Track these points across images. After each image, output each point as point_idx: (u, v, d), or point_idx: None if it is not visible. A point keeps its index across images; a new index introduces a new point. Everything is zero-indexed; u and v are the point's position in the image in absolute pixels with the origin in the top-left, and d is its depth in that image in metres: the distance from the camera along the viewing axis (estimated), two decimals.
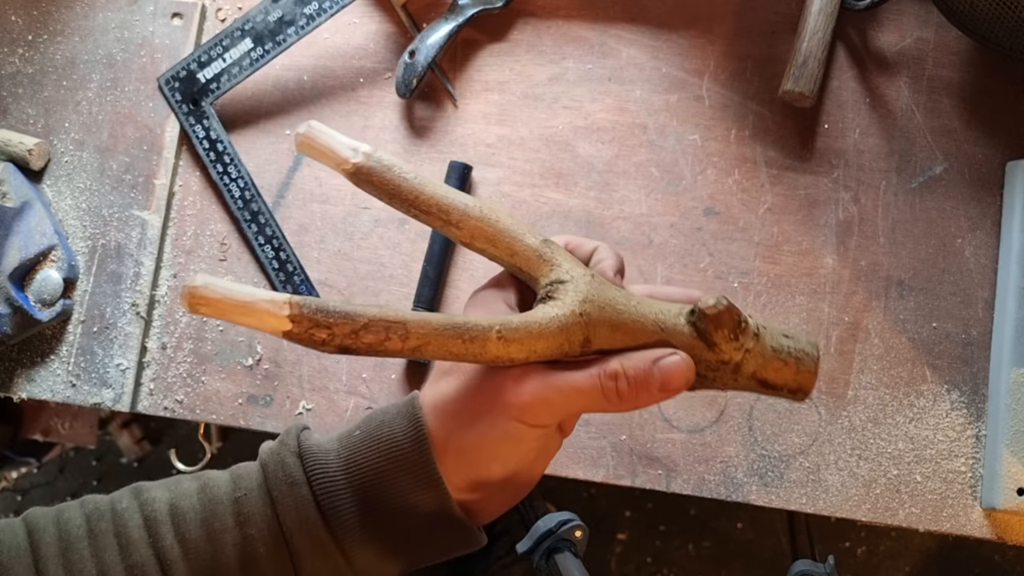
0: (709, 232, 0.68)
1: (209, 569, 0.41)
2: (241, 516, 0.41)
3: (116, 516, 0.42)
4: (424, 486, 0.41)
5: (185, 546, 0.41)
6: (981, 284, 0.66)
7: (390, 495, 0.41)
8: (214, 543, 0.41)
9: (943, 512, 0.64)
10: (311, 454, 0.42)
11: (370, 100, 0.71)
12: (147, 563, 0.41)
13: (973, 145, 0.67)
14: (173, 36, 0.72)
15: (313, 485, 0.41)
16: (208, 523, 0.41)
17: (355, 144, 0.42)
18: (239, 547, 0.41)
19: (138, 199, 0.71)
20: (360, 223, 0.70)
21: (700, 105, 0.69)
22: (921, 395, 0.66)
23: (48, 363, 0.70)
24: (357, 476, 0.41)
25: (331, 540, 0.41)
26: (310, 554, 0.41)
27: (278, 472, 0.42)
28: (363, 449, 0.41)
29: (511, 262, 0.44)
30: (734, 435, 0.66)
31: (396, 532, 0.41)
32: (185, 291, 0.36)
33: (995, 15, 0.60)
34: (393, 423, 0.42)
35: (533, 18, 0.71)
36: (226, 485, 0.42)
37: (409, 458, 0.41)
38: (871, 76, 0.69)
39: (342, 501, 0.41)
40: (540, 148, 0.70)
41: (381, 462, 0.41)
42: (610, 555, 1.50)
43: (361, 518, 0.41)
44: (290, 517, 0.41)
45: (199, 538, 0.41)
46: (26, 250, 0.68)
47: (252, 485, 0.42)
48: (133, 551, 0.41)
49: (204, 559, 0.41)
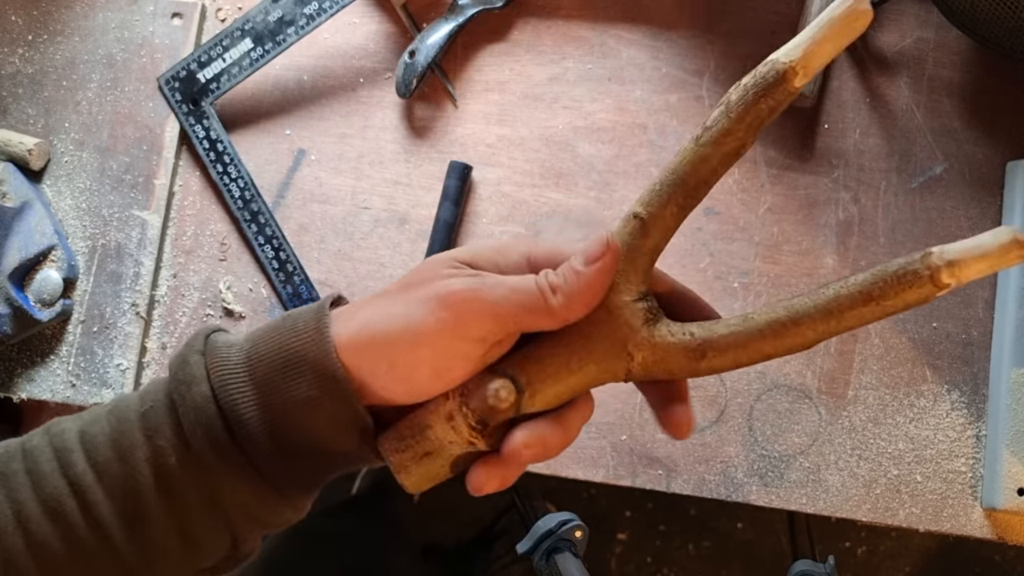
0: (709, 232, 0.68)
1: (125, 488, 0.39)
2: (149, 429, 0.39)
3: (26, 454, 0.40)
4: (323, 377, 0.38)
5: (97, 470, 0.39)
6: (981, 284, 0.66)
7: (288, 387, 0.38)
8: (126, 461, 0.39)
9: (943, 512, 0.64)
10: (215, 350, 0.40)
11: (370, 100, 0.71)
12: (62, 493, 0.39)
13: (973, 145, 0.67)
14: (173, 36, 0.72)
15: (212, 380, 0.39)
16: (118, 442, 0.39)
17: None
18: (151, 461, 0.39)
19: (138, 199, 0.71)
20: (360, 223, 0.70)
21: (700, 105, 0.69)
22: (921, 395, 0.66)
23: (48, 363, 0.70)
24: (257, 369, 0.39)
25: (230, 439, 0.38)
26: (212, 456, 0.38)
27: (179, 373, 0.39)
28: (266, 341, 0.39)
29: None
30: (734, 435, 0.66)
31: (298, 429, 0.39)
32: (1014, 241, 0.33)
33: (995, 15, 0.60)
34: (299, 315, 0.40)
35: (533, 18, 0.71)
36: (134, 402, 0.40)
37: (309, 348, 0.38)
38: (871, 76, 0.69)
39: (240, 395, 0.39)
40: (540, 148, 0.70)
41: (282, 353, 0.39)
42: (610, 555, 1.50)
43: (260, 411, 0.39)
44: (190, 418, 0.39)
45: (111, 459, 0.39)
46: (26, 250, 0.68)
47: (159, 395, 0.40)
48: (46, 484, 0.39)
49: (118, 479, 0.39)
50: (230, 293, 0.70)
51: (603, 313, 0.39)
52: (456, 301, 0.37)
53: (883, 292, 0.35)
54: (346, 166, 0.70)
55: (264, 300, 0.70)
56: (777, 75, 0.36)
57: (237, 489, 0.39)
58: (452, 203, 0.68)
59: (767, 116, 0.37)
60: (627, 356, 0.38)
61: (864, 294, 0.35)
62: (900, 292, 0.35)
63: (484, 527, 1.52)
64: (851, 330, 0.37)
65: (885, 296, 0.35)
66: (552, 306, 0.37)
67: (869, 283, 0.35)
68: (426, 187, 0.70)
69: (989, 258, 0.33)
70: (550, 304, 0.37)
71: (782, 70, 0.36)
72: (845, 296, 0.36)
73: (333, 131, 0.71)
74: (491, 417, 0.37)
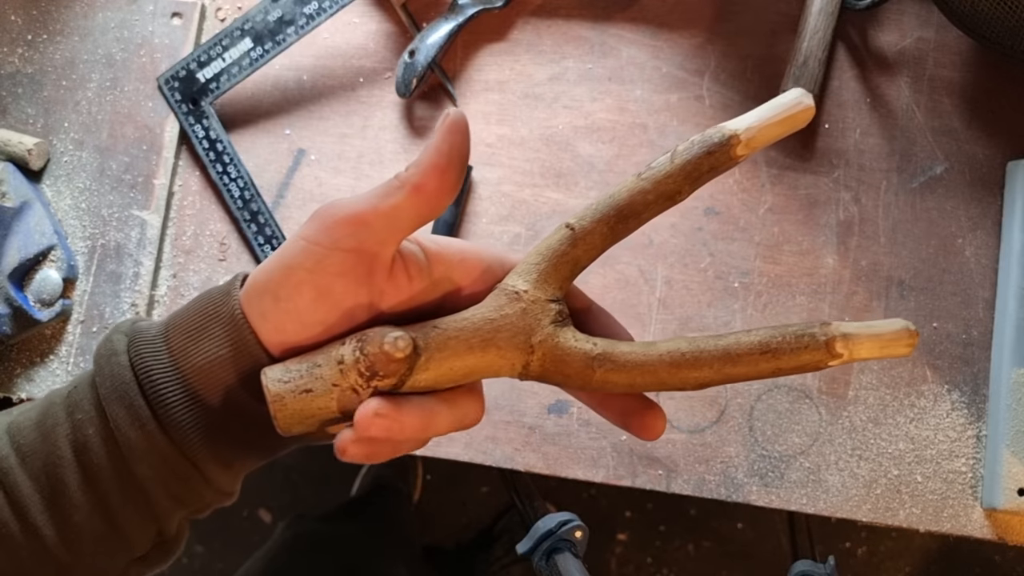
0: (709, 232, 0.68)
1: (45, 466, 0.38)
2: (71, 406, 0.39)
3: None
4: (231, 332, 0.38)
5: (20, 452, 0.39)
6: (982, 284, 0.66)
7: (199, 349, 0.38)
8: (48, 440, 0.39)
9: (944, 512, 0.64)
10: (137, 328, 0.40)
11: (370, 100, 0.71)
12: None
13: (974, 145, 0.67)
14: (173, 36, 0.72)
15: (131, 353, 0.39)
16: (42, 424, 0.39)
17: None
18: (70, 437, 0.39)
19: (137, 199, 0.71)
20: None
21: (700, 105, 0.69)
22: (922, 395, 0.65)
23: (47, 363, 0.70)
24: (172, 337, 0.39)
25: (147, 408, 0.38)
26: (126, 424, 0.38)
27: (102, 348, 0.40)
28: (183, 312, 0.40)
29: None
30: (734, 435, 0.66)
31: (214, 395, 0.39)
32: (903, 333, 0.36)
33: (996, 15, 0.60)
34: (215, 287, 0.40)
35: (533, 18, 0.71)
36: (65, 387, 0.40)
37: (219, 309, 0.38)
38: (872, 76, 0.69)
39: (154, 361, 0.38)
40: (540, 148, 0.70)
41: (195, 319, 0.39)
42: (610, 555, 1.50)
43: (175, 377, 0.38)
44: (106, 386, 0.38)
45: (34, 440, 0.39)
46: (25, 250, 0.68)
47: (84, 376, 0.40)
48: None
49: (40, 458, 0.39)
50: None
51: (515, 304, 0.39)
52: (319, 213, 0.37)
53: (780, 348, 0.37)
54: (346, 166, 0.70)
55: None
56: (723, 140, 0.39)
57: (152, 460, 0.38)
58: (452, 203, 0.68)
59: (706, 173, 0.39)
60: (528, 349, 0.39)
61: (763, 345, 0.37)
62: (796, 352, 0.37)
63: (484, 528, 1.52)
64: (745, 380, 0.38)
65: (781, 352, 0.37)
66: (404, 178, 0.37)
67: (769, 337, 0.37)
68: None
69: (880, 341, 0.36)
70: (402, 178, 0.37)
71: (727, 137, 0.39)
72: (745, 344, 0.38)
73: (333, 131, 0.71)
74: (382, 367, 0.37)
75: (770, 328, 0.38)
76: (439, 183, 0.37)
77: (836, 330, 0.37)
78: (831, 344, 0.36)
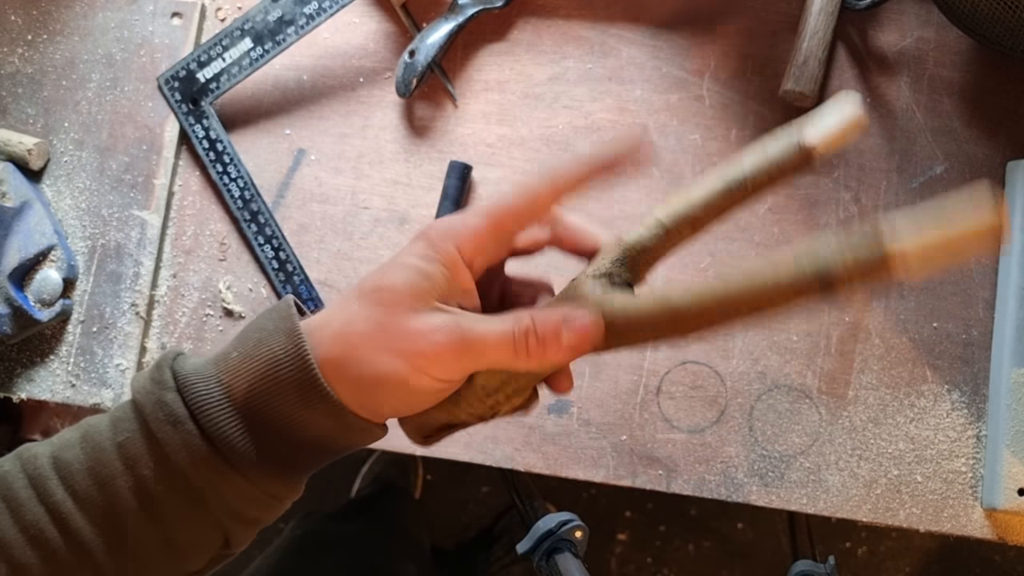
0: (709, 232, 0.68)
1: (107, 514, 0.40)
2: (128, 460, 0.40)
3: (0, 480, 0.41)
4: (314, 401, 0.39)
5: (77, 498, 0.40)
6: (982, 284, 0.66)
7: (278, 414, 0.40)
8: (106, 490, 0.40)
9: (944, 512, 0.64)
10: (190, 385, 0.40)
11: (370, 100, 0.71)
12: (41, 520, 0.40)
13: (974, 145, 0.67)
14: (173, 36, 0.72)
15: (198, 419, 0.40)
16: (95, 471, 0.40)
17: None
18: (134, 489, 0.40)
19: (138, 199, 0.71)
20: (360, 223, 0.70)
21: (700, 105, 0.69)
22: (922, 395, 0.65)
23: (47, 363, 0.70)
24: (242, 401, 0.40)
25: (228, 467, 0.40)
26: (208, 482, 0.40)
27: (157, 412, 0.40)
28: (244, 372, 0.40)
29: None
30: (734, 435, 0.66)
31: (293, 444, 0.40)
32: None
33: (996, 15, 0.60)
34: (272, 340, 0.40)
35: (533, 18, 0.71)
36: (107, 430, 0.41)
37: (293, 376, 0.39)
38: (872, 76, 0.69)
39: (231, 430, 0.40)
40: (540, 148, 0.70)
41: (265, 383, 0.40)
42: (610, 555, 1.50)
43: (254, 441, 0.40)
44: (181, 455, 0.39)
45: (89, 487, 0.40)
46: (26, 250, 0.68)
47: (132, 427, 0.41)
48: (24, 511, 0.40)
49: (100, 507, 0.40)
50: (230, 293, 0.70)
51: (566, 292, 0.42)
52: (440, 368, 0.39)
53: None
54: (346, 166, 0.70)
55: (264, 300, 0.70)
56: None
57: (231, 501, 0.40)
58: (452, 203, 0.68)
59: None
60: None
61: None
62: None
63: (484, 528, 1.52)
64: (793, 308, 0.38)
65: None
66: (521, 362, 0.40)
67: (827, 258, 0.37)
68: (426, 187, 0.70)
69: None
70: (519, 360, 0.40)
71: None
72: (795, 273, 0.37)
73: (333, 131, 0.71)
74: (496, 403, 0.42)
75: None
76: (546, 371, 0.42)
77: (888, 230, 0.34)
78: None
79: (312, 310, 0.67)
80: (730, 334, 0.66)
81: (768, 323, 0.40)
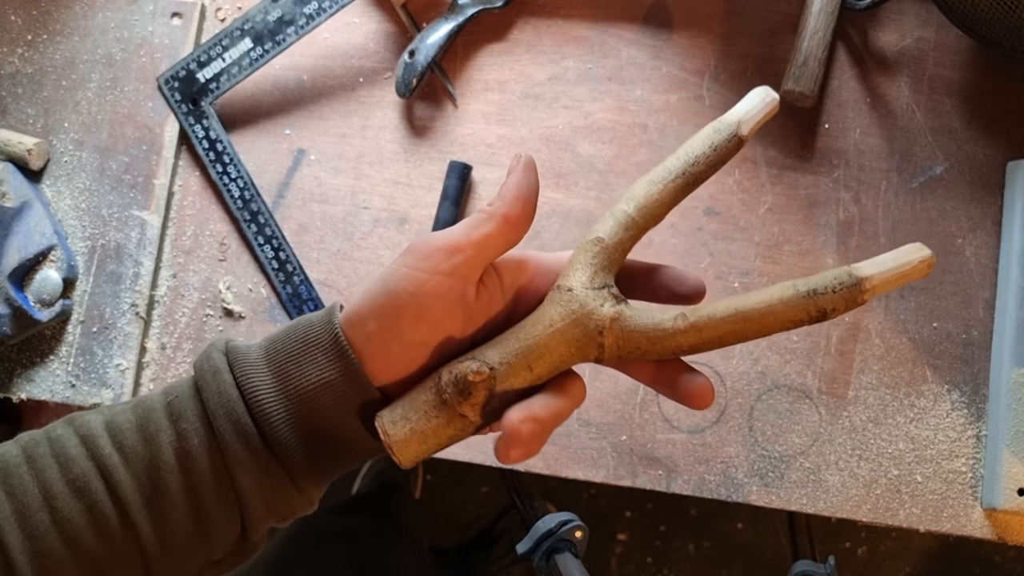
0: (709, 232, 0.68)
1: (149, 469, 0.42)
2: (174, 415, 0.43)
3: (52, 440, 0.43)
4: (334, 359, 0.42)
5: (123, 452, 0.42)
6: (982, 284, 0.66)
7: (302, 373, 0.42)
8: (151, 445, 0.42)
9: (944, 512, 0.64)
10: (235, 348, 0.44)
11: (370, 100, 0.71)
12: (88, 473, 0.42)
13: (974, 145, 0.67)
14: (172, 36, 0.72)
15: (234, 371, 0.43)
16: (144, 428, 0.42)
17: None
18: (174, 444, 0.42)
19: (137, 199, 0.71)
20: (360, 223, 0.70)
21: (700, 105, 0.69)
22: (922, 395, 0.65)
23: (47, 363, 0.70)
24: (274, 360, 0.43)
25: (252, 423, 0.42)
26: (232, 437, 0.42)
27: (203, 365, 0.43)
28: (282, 337, 0.43)
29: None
30: (734, 435, 0.66)
31: (314, 415, 0.42)
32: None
33: (996, 15, 0.60)
34: (311, 316, 0.44)
35: (533, 18, 0.71)
36: (158, 396, 0.44)
37: (321, 337, 0.42)
38: (872, 76, 0.69)
39: (260, 382, 0.42)
40: (540, 148, 0.70)
41: (296, 345, 0.43)
42: (610, 555, 1.50)
43: (279, 398, 0.42)
44: (213, 401, 0.42)
45: (136, 443, 0.42)
46: (25, 250, 0.68)
47: (183, 387, 0.43)
48: (73, 465, 0.42)
49: (143, 461, 0.42)
50: (230, 293, 0.70)
51: (572, 303, 0.43)
52: (417, 244, 0.42)
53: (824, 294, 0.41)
54: (346, 166, 0.70)
55: (264, 300, 0.70)
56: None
57: (253, 471, 0.42)
58: (452, 203, 0.68)
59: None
60: (598, 336, 0.42)
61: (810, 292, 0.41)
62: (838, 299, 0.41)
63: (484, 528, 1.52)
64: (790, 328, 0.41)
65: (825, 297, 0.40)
66: (491, 210, 0.42)
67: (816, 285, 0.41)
68: (426, 187, 0.70)
69: (899, 273, 0.40)
70: (489, 210, 0.42)
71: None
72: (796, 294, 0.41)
73: (333, 131, 0.71)
74: (470, 386, 0.41)
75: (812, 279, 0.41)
76: (523, 211, 0.43)
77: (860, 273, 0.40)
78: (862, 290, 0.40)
79: (312, 310, 0.67)
80: None
81: (760, 339, 0.42)
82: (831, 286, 0.40)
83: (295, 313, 0.69)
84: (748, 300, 0.41)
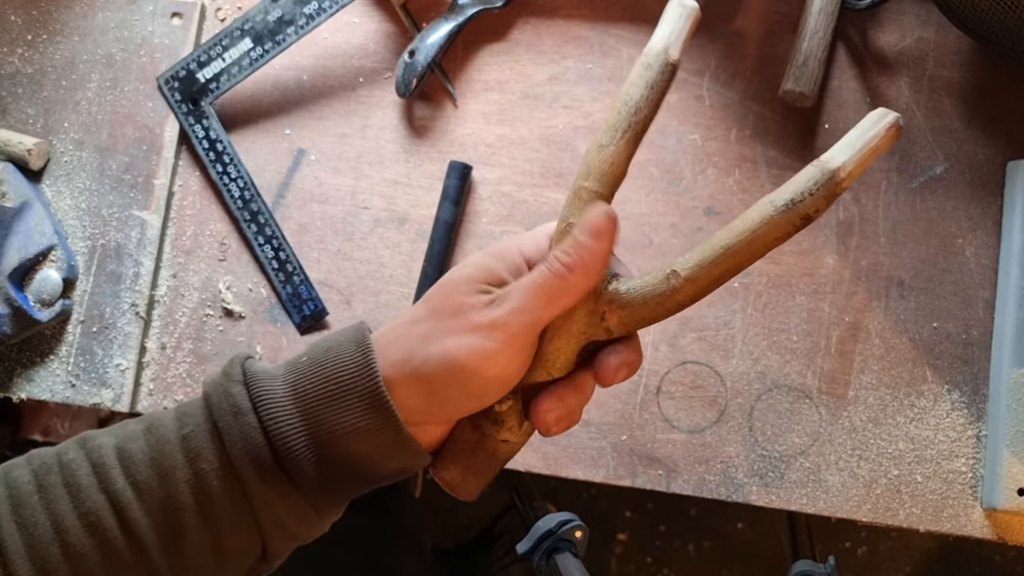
0: (709, 232, 0.68)
1: (164, 507, 0.40)
2: (190, 452, 0.41)
3: (64, 467, 0.42)
4: (372, 409, 0.40)
5: (137, 488, 0.41)
6: (982, 284, 0.66)
7: (337, 419, 0.40)
8: (166, 482, 0.41)
9: (944, 512, 0.64)
10: (256, 381, 0.41)
11: (370, 100, 0.71)
12: (100, 508, 0.40)
13: (974, 145, 0.67)
14: (172, 36, 0.72)
15: (260, 412, 0.40)
16: (157, 463, 0.41)
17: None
18: (192, 483, 0.40)
19: (137, 199, 0.71)
20: (360, 223, 0.70)
21: (700, 105, 0.69)
22: (922, 395, 0.65)
23: (47, 363, 0.70)
24: (304, 401, 0.41)
25: (277, 467, 0.40)
26: (258, 482, 0.40)
27: (223, 403, 0.41)
28: (310, 374, 0.41)
29: None
30: (734, 435, 0.66)
31: (344, 456, 0.41)
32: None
33: (996, 15, 0.60)
34: (341, 348, 0.41)
35: (533, 18, 0.71)
36: (172, 423, 0.42)
37: (357, 382, 0.40)
38: (872, 76, 0.68)
39: (289, 427, 0.40)
40: (540, 148, 0.70)
41: (328, 387, 0.41)
42: (610, 555, 1.50)
43: (308, 442, 0.40)
44: (237, 447, 0.40)
45: (150, 479, 0.41)
46: (25, 250, 0.68)
47: (198, 420, 0.41)
48: (85, 498, 0.41)
49: (158, 498, 0.40)
50: (230, 293, 0.70)
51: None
52: (502, 323, 0.40)
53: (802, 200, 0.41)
54: (346, 166, 0.70)
55: (264, 300, 0.70)
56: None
57: (277, 508, 0.41)
58: (452, 203, 0.68)
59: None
60: (598, 315, 0.43)
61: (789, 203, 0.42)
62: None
63: (484, 528, 1.52)
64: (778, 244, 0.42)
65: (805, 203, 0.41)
66: (571, 285, 0.41)
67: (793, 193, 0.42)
68: (426, 187, 0.70)
69: (869, 151, 0.41)
70: (569, 284, 0.41)
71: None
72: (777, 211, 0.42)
73: (333, 131, 0.71)
74: (501, 416, 0.43)
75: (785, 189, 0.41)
76: (594, 282, 0.43)
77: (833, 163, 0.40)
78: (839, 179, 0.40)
79: (312, 310, 0.67)
80: (730, 334, 0.66)
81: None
82: (807, 189, 0.40)
83: (295, 313, 0.69)
84: (732, 233, 0.41)
